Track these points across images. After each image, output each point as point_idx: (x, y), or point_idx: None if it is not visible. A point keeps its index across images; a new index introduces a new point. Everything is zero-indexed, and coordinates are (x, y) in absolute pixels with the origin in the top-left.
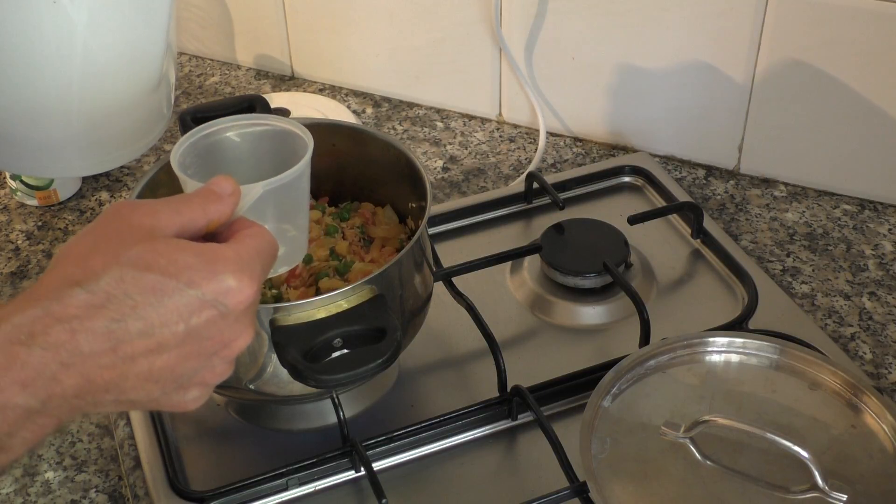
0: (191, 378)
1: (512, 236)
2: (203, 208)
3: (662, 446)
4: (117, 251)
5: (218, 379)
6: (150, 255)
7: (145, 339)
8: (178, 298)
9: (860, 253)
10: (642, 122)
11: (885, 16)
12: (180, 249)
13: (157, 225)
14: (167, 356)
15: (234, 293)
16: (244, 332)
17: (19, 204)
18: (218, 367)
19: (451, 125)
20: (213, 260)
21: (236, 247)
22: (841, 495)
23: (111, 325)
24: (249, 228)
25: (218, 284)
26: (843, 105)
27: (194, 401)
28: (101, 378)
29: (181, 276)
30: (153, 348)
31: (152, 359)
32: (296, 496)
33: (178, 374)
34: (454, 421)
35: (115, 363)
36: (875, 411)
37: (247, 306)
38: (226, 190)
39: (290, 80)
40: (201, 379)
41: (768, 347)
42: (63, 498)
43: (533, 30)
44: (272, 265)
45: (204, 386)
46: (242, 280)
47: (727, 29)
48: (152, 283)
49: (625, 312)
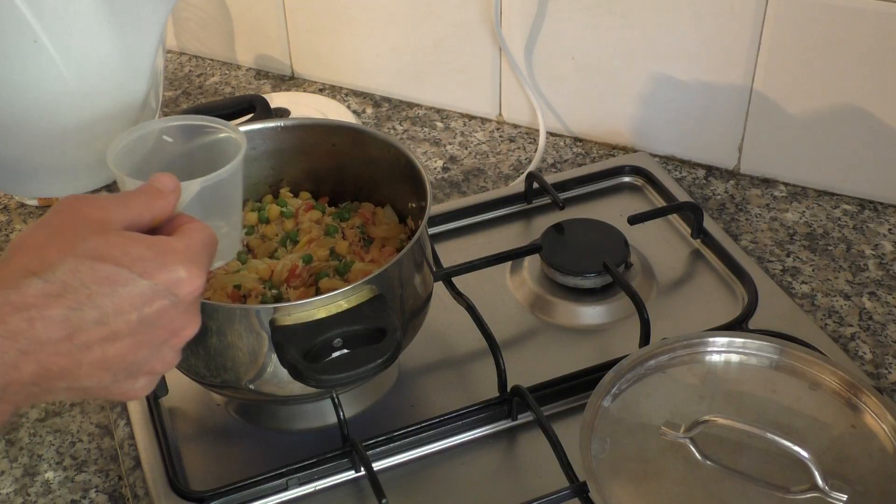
0: (141, 366)
1: (512, 236)
2: (148, 204)
3: (662, 446)
4: (72, 242)
5: (166, 368)
6: (104, 246)
7: (100, 328)
8: (131, 288)
9: (860, 253)
10: (642, 122)
11: (885, 16)
12: (133, 241)
13: (108, 218)
14: (120, 344)
15: (185, 283)
16: (192, 321)
17: (19, 204)
18: (167, 356)
19: (451, 125)
20: (165, 251)
21: (185, 239)
22: (841, 495)
23: (68, 313)
24: (192, 223)
25: (169, 275)
26: (843, 105)
27: (142, 389)
28: (57, 365)
29: (134, 266)
30: (107, 336)
31: (106, 347)
32: (296, 496)
33: (129, 361)
34: (454, 421)
35: (71, 351)
36: (875, 411)
37: (196, 296)
38: (168, 186)
39: (290, 80)
40: (150, 367)
41: (768, 347)
42: (63, 498)
43: (533, 30)
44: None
45: (152, 374)
46: (192, 271)
47: (727, 29)
48: (107, 274)
49: (625, 312)
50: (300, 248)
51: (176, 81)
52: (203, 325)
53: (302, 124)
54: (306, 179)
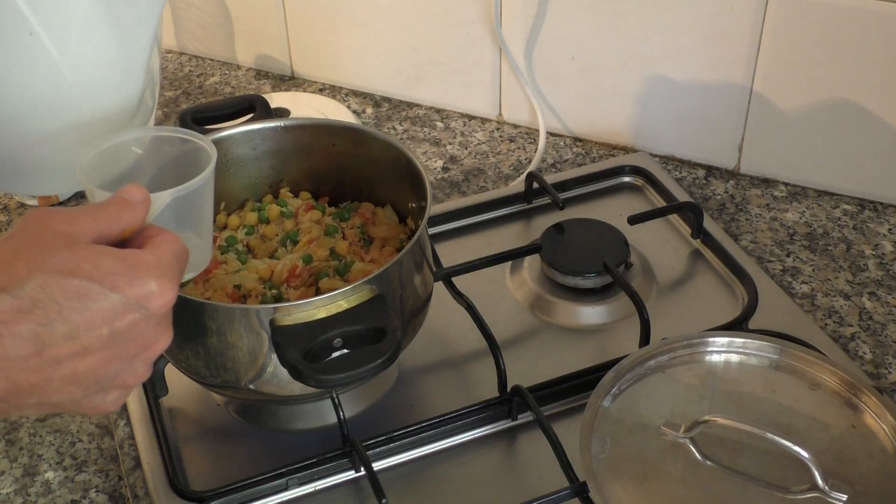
0: (112, 380)
1: (512, 236)
2: (118, 216)
3: (662, 446)
4: (41, 257)
5: (137, 381)
6: (73, 260)
7: (70, 343)
8: (102, 302)
9: (860, 253)
10: (642, 122)
11: (885, 16)
12: (102, 255)
13: (77, 231)
14: (91, 359)
15: (156, 297)
16: (164, 334)
17: (19, 204)
18: (139, 370)
19: (451, 125)
20: (135, 265)
21: (155, 252)
22: (841, 495)
23: (37, 329)
24: (162, 235)
25: (140, 288)
26: (843, 105)
27: (113, 402)
28: (27, 381)
29: (104, 280)
30: (78, 351)
31: (77, 362)
32: (296, 496)
33: (100, 376)
34: (454, 421)
35: (41, 366)
36: (875, 411)
37: (167, 310)
38: (137, 198)
39: (290, 80)
40: (122, 381)
41: (768, 347)
42: (63, 498)
43: (533, 30)
44: (184, 270)
45: (124, 388)
46: (163, 284)
47: (727, 29)
48: (76, 288)
49: (625, 312)
50: (300, 248)
51: (176, 81)
52: (203, 325)
53: (302, 124)
54: (306, 179)
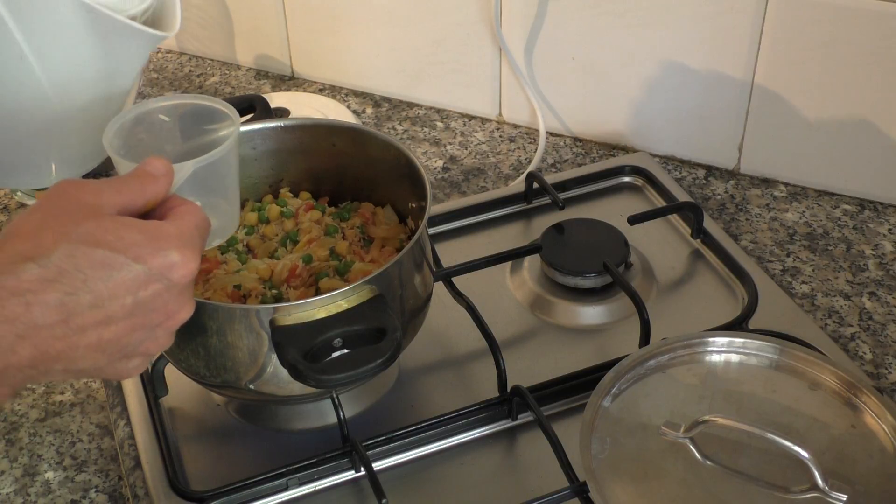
0: (136, 348)
1: (512, 236)
2: (141, 189)
3: (662, 446)
4: (66, 228)
5: (160, 349)
6: (98, 231)
7: (95, 312)
8: (126, 273)
9: (860, 253)
10: (642, 122)
11: (885, 16)
12: (126, 226)
13: (101, 203)
14: (115, 327)
15: (178, 267)
16: (186, 304)
17: (19, 204)
18: (161, 338)
19: (451, 125)
20: (158, 236)
21: (177, 223)
22: (841, 495)
23: (63, 298)
24: (184, 206)
25: (163, 259)
26: (843, 105)
27: (135, 368)
28: (54, 349)
29: (128, 251)
30: (102, 320)
31: (101, 330)
32: (296, 496)
33: (123, 344)
34: (454, 421)
35: (67, 334)
36: (875, 411)
37: (189, 280)
38: (159, 170)
39: (290, 80)
40: (145, 349)
41: (768, 347)
42: (63, 498)
43: (533, 30)
44: (207, 239)
45: (146, 356)
46: (185, 254)
47: (727, 29)
48: (101, 259)
49: (625, 312)
50: (300, 248)
51: (176, 81)
52: (203, 325)
53: (302, 124)
54: (306, 179)
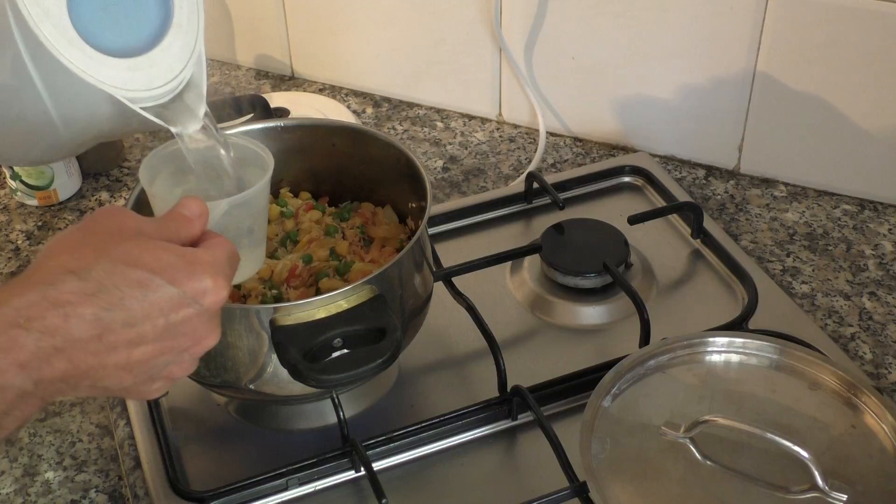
0: (161, 370)
1: (512, 236)
2: (177, 231)
3: (662, 446)
4: (107, 246)
5: (183, 374)
6: (136, 251)
7: (128, 330)
8: (160, 294)
9: (860, 253)
10: (642, 122)
11: (885, 16)
12: (164, 249)
13: (142, 230)
14: (145, 348)
15: (210, 293)
16: (214, 331)
17: (19, 204)
18: (186, 363)
19: (451, 125)
20: (193, 261)
21: (211, 252)
22: (841, 495)
23: (100, 312)
24: (217, 238)
25: (197, 284)
26: (843, 105)
27: (157, 391)
28: (85, 363)
29: (165, 273)
30: (134, 339)
31: (132, 349)
32: (296, 496)
33: (150, 365)
34: (454, 421)
35: (99, 350)
36: (875, 411)
37: (219, 307)
38: (194, 212)
39: (290, 80)
40: (169, 373)
41: (768, 347)
42: (63, 498)
43: (533, 30)
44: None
45: (169, 379)
46: (218, 282)
47: (727, 29)
48: (138, 278)
49: (625, 312)
50: (300, 248)
51: None
52: None
53: (302, 124)
54: (306, 179)
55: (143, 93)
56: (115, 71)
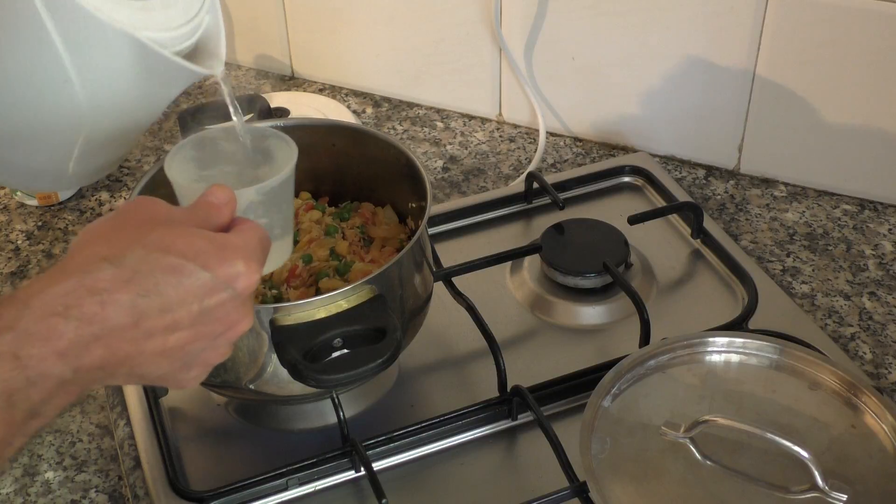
0: (196, 357)
1: (512, 236)
2: (206, 219)
3: (662, 446)
4: (140, 233)
5: (219, 360)
6: (169, 237)
7: (164, 316)
8: (194, 279)
9: (860, 253)
10: (642, 122)
11: (885, 16)
12: (196, 235)
13: (173, 218)
14: (180, 334)
15: (243, 278)
16: (247, 315)
17: (19, 204)
18: (221, 349)
19: (451, 125)
20: (225, 246)
21: (242, 236)
22: (841, 495)
23: (136, 299)
24: (247, 223)
25: (229, 268)
26: (843, 105)
27: (194, 379)
28: (122, 351)
29: (197, 259)
30: (169, 325)
31: (168, 336)
32: (296, 496)
33: (186, 352)
34: (454, 421)
35: (136, 338)
36: (875, 411)
37: (251, 291)
38: (222, 199)
39: (290, 80)
40: (205, 359)
41: (768, 347)
42: (63, 498)
43: (533, 30)
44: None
45: (206, 366)
46: (250, 266)
47: (727, 29)
48: (172, 264)
49: (625, 312)
50: (300, 248)
51: None
52: None
53: (302, 124)
54: (306, 179)
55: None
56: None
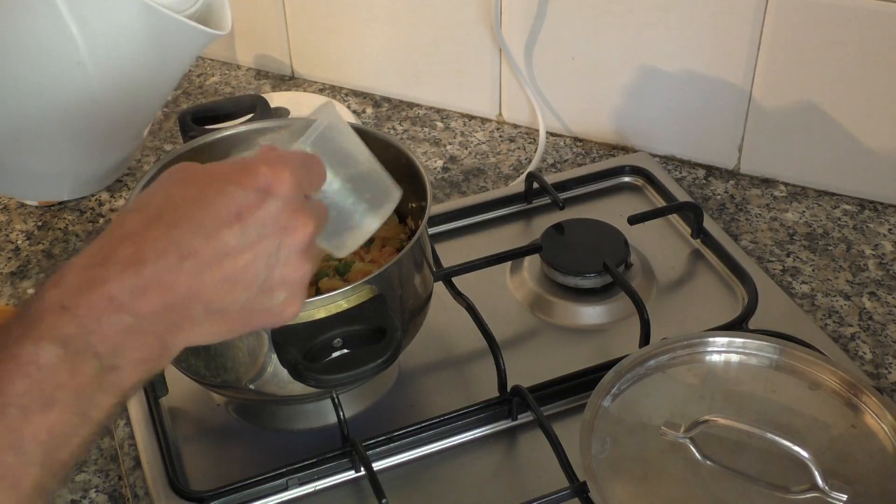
0: (270, 277)
1: (512, 236)
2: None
3: (662, 446)
4: (162, 181)
5: (297, 274)
6: (186, 171)
7: (206, 242)
8: (222, 197)
9: (860, 253)
10: (642, 122)
11: (885, 16)
12: (215, 164)
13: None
14: (235, 257)
15: (270, 177)
16: (299, 217)
17: (19, 204)
18: (293, 260)
19: (451, 125)
20: (247, 163)
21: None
22: (841, 495)
23: (169, 232)
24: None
25: (253, 175)
26: (843, 105)
27: (287, 304)
28: (180, 286)
29: (221, 179)
30: (218, 250)
31: (221, 261)
32: (296, 496)
33: (251, 271)
34: (454, 421)
35: (187, 269)
36: (875, 411)
37: (289, 191)
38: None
39: (290, 80)
40: (281, 277)
41: (768, 347)
42: (63, 498)
43: (533, 30)
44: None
45: (287, 285)
46: (275, 167)
47: (727, 29)
48: (195, 194)
49: (625, 312)
50: None
51: None
52: None
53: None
54: None
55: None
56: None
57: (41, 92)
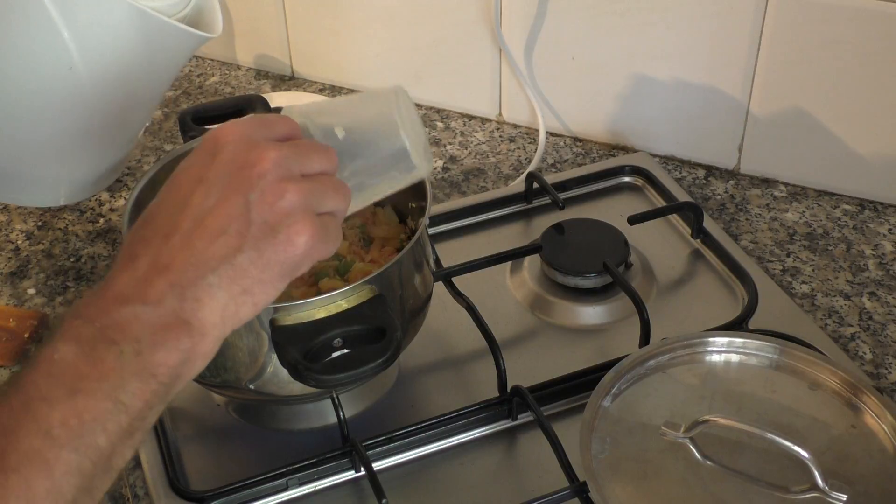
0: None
1: (512, 236)
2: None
3: (662, 446)
4: None
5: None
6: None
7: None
8: (184, 174)
9: (860, 253)
10: (642, 122)
11: (885, 16)
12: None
13: None
14: (210, 211)
15: (217, 135)
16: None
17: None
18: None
19: (451, 125)
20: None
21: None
22: (841, 495)
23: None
24: None
25: (203, 142)
26: (843, 105)
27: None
28: (174, 261)
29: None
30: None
31: (201, 221)
32: (296, 496)
33: (233, 215)
34: (454, 421)
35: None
36: (875, 411)
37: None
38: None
39: (290, 80)
40: (269, 208)
41: (768, 347)
42: None
43: (533, 30)
44: (265, 122)
45: (279, 214)
46: (221, 128)
47: (727, 29)
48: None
49: (625, 312)
50: None
51: (176, 81)
52: None
53: None
54: None
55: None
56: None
57: (33, 97)
